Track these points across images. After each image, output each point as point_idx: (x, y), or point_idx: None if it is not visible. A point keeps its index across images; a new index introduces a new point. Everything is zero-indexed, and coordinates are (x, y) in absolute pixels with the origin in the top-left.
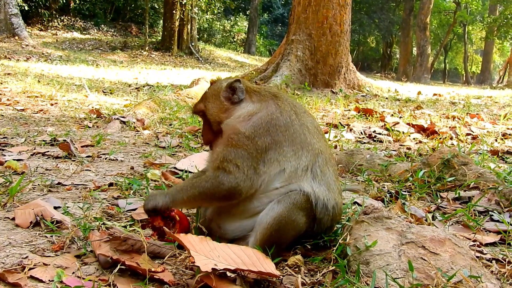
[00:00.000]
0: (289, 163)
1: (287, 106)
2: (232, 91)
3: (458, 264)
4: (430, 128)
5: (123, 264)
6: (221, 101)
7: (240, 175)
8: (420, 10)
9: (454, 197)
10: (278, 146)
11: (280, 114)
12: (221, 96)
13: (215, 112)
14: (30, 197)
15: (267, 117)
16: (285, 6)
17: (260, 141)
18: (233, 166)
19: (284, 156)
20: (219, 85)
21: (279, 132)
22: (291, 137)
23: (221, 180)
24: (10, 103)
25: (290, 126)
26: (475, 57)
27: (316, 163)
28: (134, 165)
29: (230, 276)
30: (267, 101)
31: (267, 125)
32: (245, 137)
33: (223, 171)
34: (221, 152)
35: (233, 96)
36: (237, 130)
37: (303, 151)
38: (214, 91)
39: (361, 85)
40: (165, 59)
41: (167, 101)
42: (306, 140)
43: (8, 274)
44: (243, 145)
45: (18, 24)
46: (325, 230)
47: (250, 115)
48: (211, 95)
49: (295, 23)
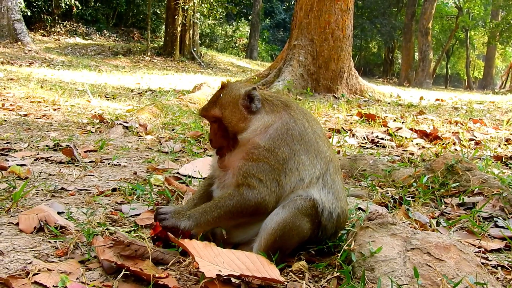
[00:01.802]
0: (307, 172)
1: (299, 114)
2: (250, 100)
3: (464, 271)
4: (433, 133)
5: (127, 269)
6: (240, 110)
7: (264, 189)
8: (422, 15)
9: (458, 203)
10: (296, 155)
11: (294, 123)
12: (240, 104)
13: (234, 121)
14: (33, 202)
15: (283, 128)
16: (287, 11)
17: (279, 152)
18: (256, 180)
19: (302, 165)
20: (236, 92)
21: (296, 142)
22: (306, 146)
23: (246, 197)
24: (13, 108)
25: (305, 135)
26: (477, 62)
27: (327, 171)
28: (137, 170)
29: (235, 282)
30: (280, 112)
31: (284, 136)
32: (265, 150)
33: (247, 187)
34: (242, 168)
35: (251, 105)
36: (256, 144)
37: (317, 159)
38: (232, 99)
39: (363, 90)
40: (167, 64)
41: (170, 106)
42: (319, 148)
43: (13, 279)
44: (264, 158)
45: (21, 30)
46: (329, 236)
47: (266, 127)
48: (228, 103)
49: (297, 28)
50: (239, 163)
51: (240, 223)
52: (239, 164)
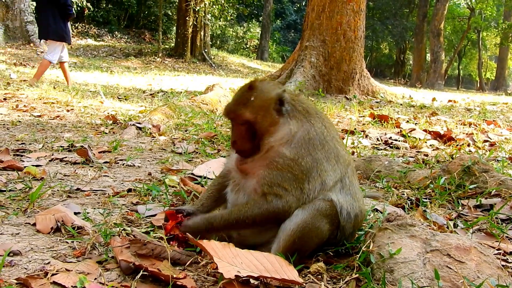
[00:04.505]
0: (329, 178)
1: (318, 122)
2: (281, 103)
3: (485, 273)
4: (447, 134)
5: (145, 270)
6: (271, 115)
7: (290, 198)
8: (434, 16)
9: (475, 205)
10: (318, 163)
11: (315, 132)
12: (272, 109)
13: (265, 125)
14: (49, 202)
15: (306, 137)
16: (297, 12)
17: (303, 162)
18: (282, 189)
19: (325, 171)
20: (268, 95)
21: (317, 151)
22: (327, 153)
23: (274, 205)
24: (27, 109)
25: (325, 143)
26: (490, 63)
27: (346, 174)
28: (152, 171)
29: (253, 283)
30: (301, 119)
31: (307, 146)
32: (290, 160)
33: (274, 196)
34: (267, 177)
35: (281, 108)
36: (281, 153)
37: (337, 164)
38: (264, 102)
39: (375, 91)
40: (178, 65)
41: (182, 107)
42: (338, 153)
43: (32, 279)
44: (288, 167)
45: (33, 31)
46: (347, 237)
47: (291, 136)
48: (261, 106)
49: (309, 29)
50: (263, 172)
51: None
52: (263, 173)
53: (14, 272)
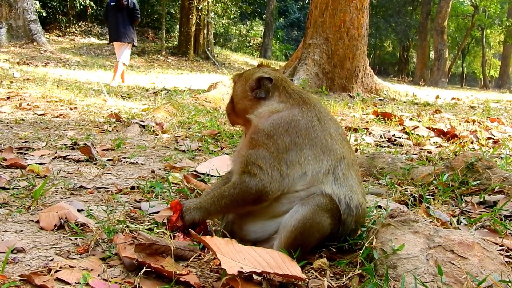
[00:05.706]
0: (310, 166)
1: (311, 112)
2: (258, 86)
3: (488, 269)
4: (450, 132)
5: (148, 266)
6: (246, 90)
7: (265, 177)
8: (437, 13)
9: (478, 201)
10: (298, 148)
11: (301, 117)
12: (247, 85)
13: (239, 97)
14: (53, 200)
15: (287, 118)
16: (301, 10)
17: (279, 140)
18: (256, 168)
19: (305, 159)
20: (252, 72)
21: (299, 135)
22: (311, 141)
23: (248, 184)
24: (31, 108)
25: (311, 131)
26: (493, 61)
27: (338, 167)
28: (155, 169)
29: (256, 279)
30: (292, 104)
31: (287, 126)
32: (264, 135)
33: (248, 174)
34: (244, 156)
35: (255, 90)
36: (257, 128)
37: (324, 155)
38: (247, 76)
39: (379, 89)
40: (181, 63)
41: (185, 105)
42: (327, 145)
43: (35, 276)
44: (263, 144)
45: (37, 30)
46: (349, 232)
47: (271, 113)
48: (244, 78)
49: (312, 27)
50: (242, 151)
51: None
52: (242, 152)
53: (18, 269)
